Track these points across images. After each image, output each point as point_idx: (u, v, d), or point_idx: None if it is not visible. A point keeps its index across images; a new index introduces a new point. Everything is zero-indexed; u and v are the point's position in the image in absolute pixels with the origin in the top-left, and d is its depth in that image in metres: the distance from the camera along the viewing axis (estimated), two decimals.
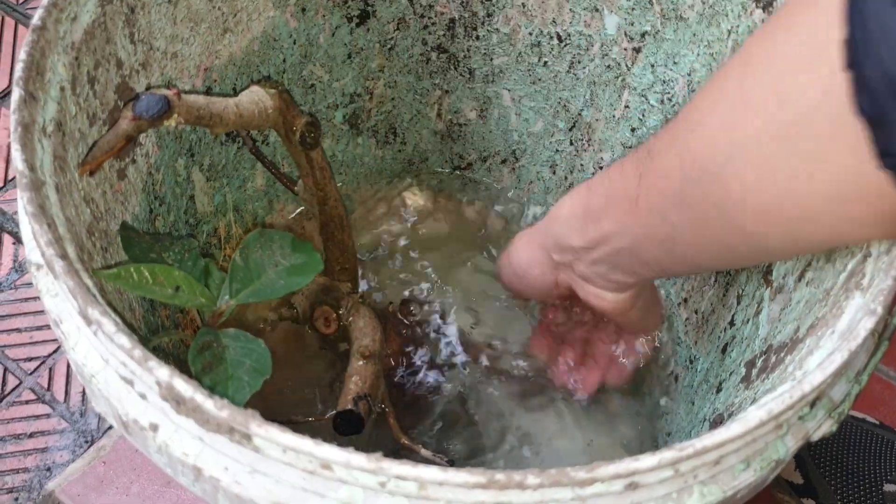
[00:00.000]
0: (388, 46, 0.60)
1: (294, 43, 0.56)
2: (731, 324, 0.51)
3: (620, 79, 0.57)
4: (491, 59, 0.60)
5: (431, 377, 0.58)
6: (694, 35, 0.52)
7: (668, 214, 0.36)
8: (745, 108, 0.30)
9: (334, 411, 0.46)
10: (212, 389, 0.39)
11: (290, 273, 0.46)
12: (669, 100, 0.55)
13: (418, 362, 0.58)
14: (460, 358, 0.59)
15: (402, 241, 0.64)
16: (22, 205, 0.35)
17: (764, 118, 0.29)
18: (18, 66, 0.36)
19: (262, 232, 0.46)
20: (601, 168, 0.62)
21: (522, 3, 0.57)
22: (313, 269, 0.47)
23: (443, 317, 0.61)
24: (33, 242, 0.35)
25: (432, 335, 0.60)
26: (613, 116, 0.59)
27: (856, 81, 0.26)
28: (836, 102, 0.27)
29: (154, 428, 0.32)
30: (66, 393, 0.67)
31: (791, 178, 0.29)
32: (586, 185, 0.42)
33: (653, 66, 0.55)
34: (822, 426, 0.35)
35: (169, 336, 0.44)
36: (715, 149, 0.32)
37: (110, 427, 0.65)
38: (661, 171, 0.36)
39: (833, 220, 0.30)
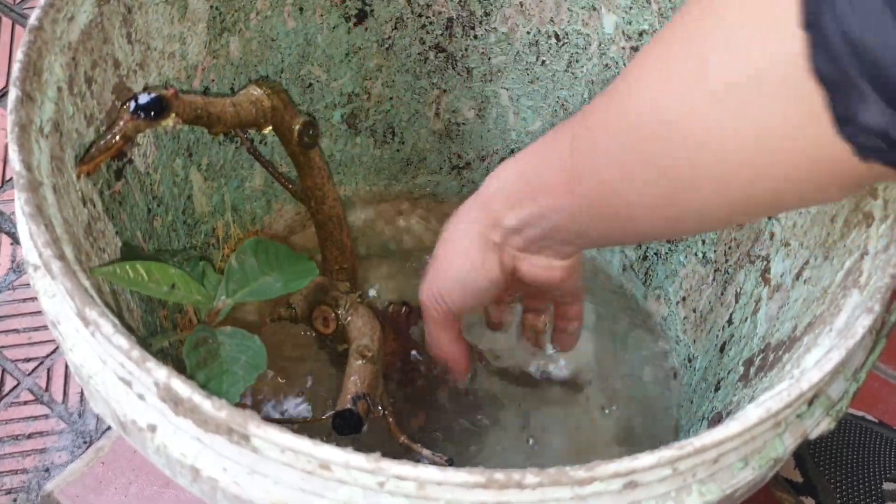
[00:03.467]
0: (386, 46, 0.60)
1: (292, 43, 0.56)
2: (730, 322, 0.51)
3: None
4: (489, 59, 0.60)
5: (430, 377, 0.58)
6: None
7: (602, 175, 0.34)
8: (692, 65, 0.28)
9: (333, 411, 0.46)
10: (206, 384, 0.39)
11: (286, 277, 0.46)
12: None
13: (417, 361, 0.58)
14: None
15: (401, 242, 0.64)
16: (19, 205, 0.35)
17: (713, 77, 0.28)
18: (15, 67, 0.36)
19: (258, 240, 0.46)
20: None
21: (520, 3, 0.57)
22: (308, 274, 0.47)
23: None
24: (30, 243, 0.35)
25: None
26: None
27: (813, 41, 0.24)
28: (792, 63, 0.25)
29: (152, 429, 0.32)
30: (65, 394, 0.67)
31: (737, 141, 0.28)
32: (514, 158, 0.39)
33: None
34: (820, 424, 0.35)
35: (168, 338, 0.44)
36: (656, 107, 0.30)
37: (109, 428, 0.65)
38: (597, 131, 0.33)
39: (780, 183, 0.29)
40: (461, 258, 0.43)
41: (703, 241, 0.56)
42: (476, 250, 0.42)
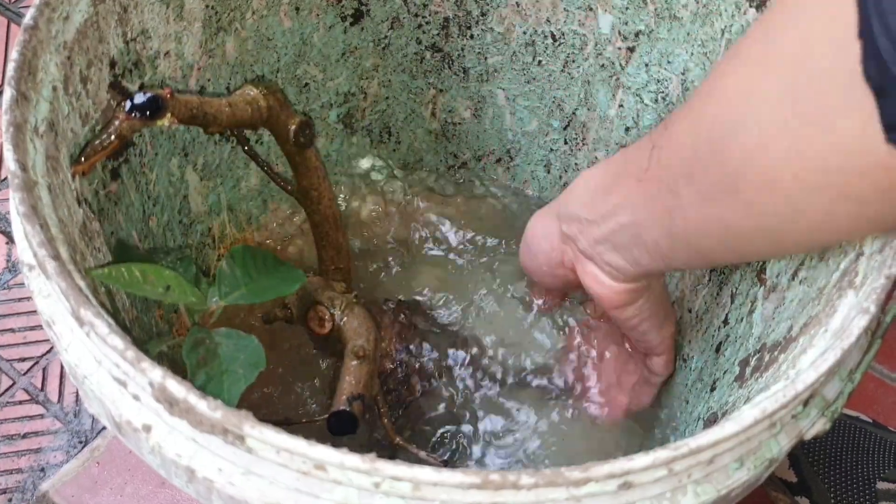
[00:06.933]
0: (383, 45, 0.60)
1: (288, 42, 0.56)
2: (725, 322, 0.51)
3: (614, 78, 0.57)
4: (485, 59, 0.60)
5: (426, 377, 0.58)
6: (688, 34, 0.52)
7: (673, 186, 0.36)
8: (761, 69, 0.30)
9: (329, 412, 0.46)
10: (207, 383, 0.39)
11: (274, 281, 0.46)
12: (664, 99, 0.56)
13: (413, 362, 0.58)
14: (456, 358, 0.59)
15: (396, 241, 0.64)
16: (14, 205, 0.35)
17: (778, 78, 0.29)
18: (10, 66, 0.36)
19: (246, 247, 0.47)
20: None
21: (517, 3, 0.57)
22: (297, 280, 0.47)
23: (438, 317, 0.61)
24: (25, 243, 0.35)
25: (427, 335, 0.60)
26: (608, 116, 0.59)
27: (866, 49, 0.26)
28: (848, 69, 0.26)
29: (147, 429, 0.32)
30: (60, 393, 0.67)
31: (795, 143, 0.29)
32: (606, 160, 0.43)
33: (647, 65, 0.55)
34: (815, 425, 0.35)
35: (165, 342, 0.44)
36: (727, 111, 0.32)
37: (104, 428, 0.65)
38: (673, 141, 0.36)
39: (832, 195, 0.29)
40: (534, 235, 0.49)
41: None
42: (548, 232, 0.47)
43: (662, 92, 0.55)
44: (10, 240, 0.74)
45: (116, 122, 0.40)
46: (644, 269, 0.42)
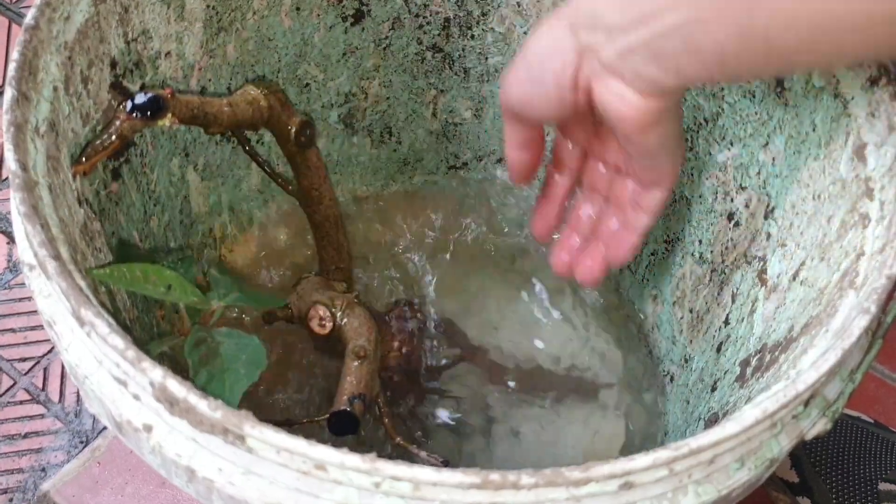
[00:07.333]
0: (383, 46, 0.60)
1: (289, 42, 0.56)
2: (726, 323, 0.51)
3: None
4: (486, 59, 0.60)
5: (425, 376, 0.58)
6: None
7: None
8: None
9: (329, 412, 0.46)
10: (209, 382, 0.39)
11: (263, 296, 0.46)
12: None
13: (413, 362, 0.58)
14: (454, 357, 0.59)
15: (397, 241, 0.65)
16: (15, 205, 0.35)
17: None
18: (11, 66, 0.36)
19: (220, 265, 0.47)
20: None
21: (517, 3, 0.57)
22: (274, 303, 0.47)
23: (437, 316, 0.61)
24: (26, 243, 0.35)
25: (426, 335, 0.60)
26: None
27: None
28: None
29: (148, 429, 0.32)
30: (61, 393, 0.67)
31: None
32: None
33: None
34: (816, 425, 0.35)
35: (166, 343, 0.44)
36: None
37: (105, 428, 0.65)
38: None
39: None
40: (540, 53, 0.38)
41: (700, 242, 0.56)
42: (559, 46, 0.37)
43: None
44: (11, 240, 0.74)
45: (117, 123, 0.40)
46: (685, 80, 0.34)
